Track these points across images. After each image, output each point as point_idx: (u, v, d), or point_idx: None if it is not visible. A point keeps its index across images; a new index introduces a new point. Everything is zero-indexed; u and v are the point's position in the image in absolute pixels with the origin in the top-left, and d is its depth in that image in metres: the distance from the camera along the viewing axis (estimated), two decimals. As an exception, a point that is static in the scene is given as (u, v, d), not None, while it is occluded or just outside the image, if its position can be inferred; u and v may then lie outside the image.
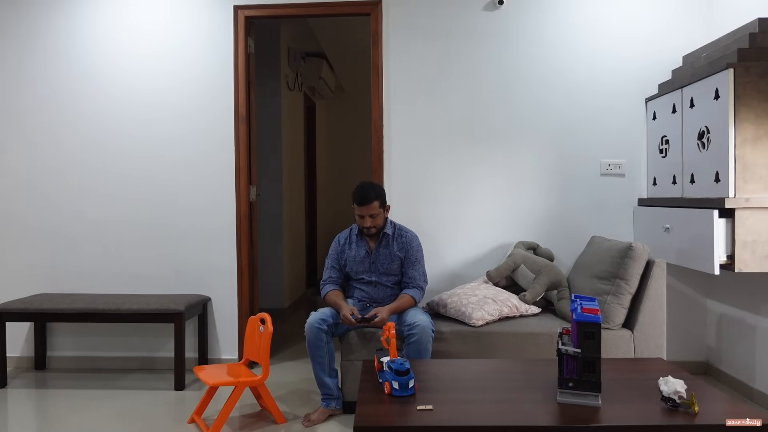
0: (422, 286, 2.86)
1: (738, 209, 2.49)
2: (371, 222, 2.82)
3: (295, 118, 5.77)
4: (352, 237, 2.95)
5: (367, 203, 2.78)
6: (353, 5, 3.49)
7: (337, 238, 3.01)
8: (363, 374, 2.00)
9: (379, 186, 2.92)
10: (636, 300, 2.74)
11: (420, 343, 2.56)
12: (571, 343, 1.73)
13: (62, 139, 3.58)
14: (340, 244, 2.96)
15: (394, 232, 2.93)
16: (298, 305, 5.63)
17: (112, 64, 3.55)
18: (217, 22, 3.51)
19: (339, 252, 2.95)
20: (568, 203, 3.42)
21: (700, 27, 3.30)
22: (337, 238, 3.00)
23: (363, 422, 1.60)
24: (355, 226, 2.97)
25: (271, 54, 5.04)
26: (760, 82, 2.49)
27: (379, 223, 2.85)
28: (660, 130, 3.18)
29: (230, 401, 2.60)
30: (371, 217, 2.81)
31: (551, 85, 3.41)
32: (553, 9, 3.40)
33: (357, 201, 2.79)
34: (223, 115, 3.51)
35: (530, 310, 2.95)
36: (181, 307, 3.17)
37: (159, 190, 3.55)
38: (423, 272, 2.90)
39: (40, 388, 3.25)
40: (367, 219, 2.81)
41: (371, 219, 2.81)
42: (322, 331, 2.65)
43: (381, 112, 3.46)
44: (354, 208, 2.82)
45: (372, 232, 2.86)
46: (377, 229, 2.86)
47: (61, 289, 3.59)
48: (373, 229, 2.85)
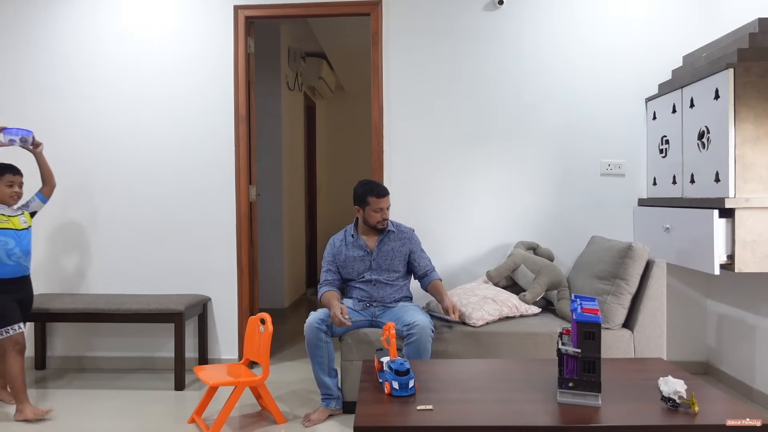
0: (433, 267, 2.96)
1: (738, 209, 2.49)
2: (386, 213, 2.89)
3: (295, 118, 5.77)
4: (348, 238, 2.96)
5: (386, 195, 2.89)
6: (353, 5, 3.49)
7: (331, 240, 3.01)
8: (363, 374, 2.00)
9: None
10: (636, 300, 2.74)
11: (419, 343, 2.56)
12: (571, 343, 1.73)
13: (62, 139, 3.57)
14: (336, 246, 2.97)
15: (393, 229, 2.96)
16: (298, 305, 5.62)
17: (111, 65, 3.55)
18: (217, 22, 3.50)
19: (335, 254, 2.95)
20: (568, 203, 3.42)
21: (700, 27, 3.30)
22: (331, 241, 3.01)
23: (363, 422, 1.60)
24: (349, 227, 2.98)
25: (271, 54, 5.05)
26: (760, 82, 2.49)
27: (388, 217, 2.91)
28: (660, 130, 3.18)
29: (230, 401, 2.60)
30: (387, 209, 2.89)
31: (551, 84, 3.41)
32: (553, 8, 3.40)
33: (377, 194, 2.85)
34: (223, 115, 3.51)
35: (530, 310, 2.95)
36: (181, 307, 3.17)
37: (159, 189, 3.55)
38: (429, 259, 2.99)
39: (40, 388, 3.25)
40: (385, 211, 2.87)
41: (387, 210, 2.89)
42: (321, 331, 2.65)
43: (381, 112, 3.46)
44: (369, 202, 2.84)
45: (385, 225, 2.89)
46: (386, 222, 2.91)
47: (61, 289, 3.59)
48: (386, 223, 2.89)
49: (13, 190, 2.85)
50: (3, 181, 2.83)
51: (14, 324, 2.77)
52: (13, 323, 2.76)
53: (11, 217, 2.84)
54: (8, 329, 2.75)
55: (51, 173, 3.06)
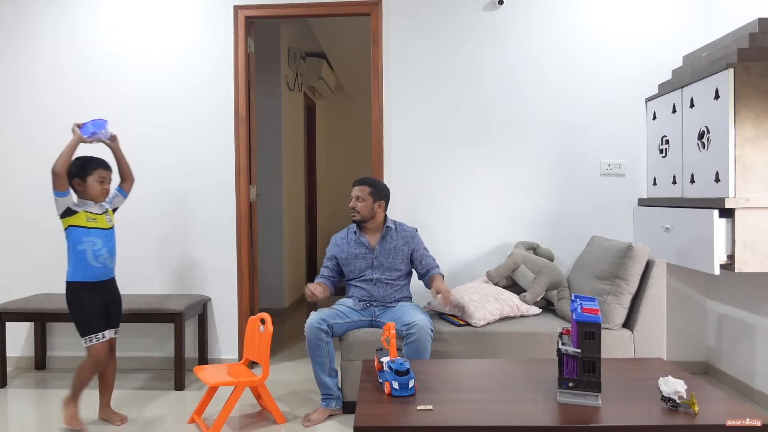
0: (437, 265, 2.96)
1: (738, 209, 2.49)
2: (355, 203, 2.89)
3: (295, 118, 5.77)
4: (350, 236, 2.96)
5: (358, 184, 2.92)
6: (353, 5, 3.49)
7: (333, 237, 3.04)
8: (363, 374, 2.00)
9: (382, 183, 3.00)
10: (636, 300, 2.74)
11: (419, 343, 2.56)
12: (571, 343, 1.72)
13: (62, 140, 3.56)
14: (337, 244, 2.99)
15: (396, 227, 2.96)
16: (298, 305, 5.62)
17: (111, 64, 3.55)
18: (217, 22, 3.50)
19: (336, 252, 2.97)
20: (568, 203, 3.42)
21: (700, 27, 3.30)
22: (333, 238, 3.03)
23: (363, 422, 1.60)
24: (353, 225, 2.98)
25: (271, 54, 5.04)
26: (760, 82, 2.49)
27: (362, 211, 2.89)
28: (660, 130, 3.18)
29: (230, 401, 2.60)
30: (357, 198, 2.88)
31: (551, 84, 3.41)
32: (553, 8, 3.40)
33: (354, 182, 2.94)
34: (223, 115, 3.51)
35: (531, 310, 2.95)
36: (181, 307, 3.17)
37: (159, 189, 3.55)
38: (433, 257, 2.99)
39: (40, 388, 3.25)
40: (355, 201, 2.89)
41: (356, 200, 2.89)
42: (322, 331, 2.65)
43: (381, 112, 3.46)
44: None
45: (355, 217, 2.91)
46: (359, 217, 2.89)
47: (61, 289, 3.57)
48: (356, 215, 2.90)
49: (104, 187, 2.60)
50: (95, 176, 2.57)
51: (99, 332, 2.56)
52: (97, 331, 2.55)
53: (98, 215, 2.61)
54: (91, 337, 2.54)
55: (129, 167, 2.79)
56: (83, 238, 2.56)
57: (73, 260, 2.57)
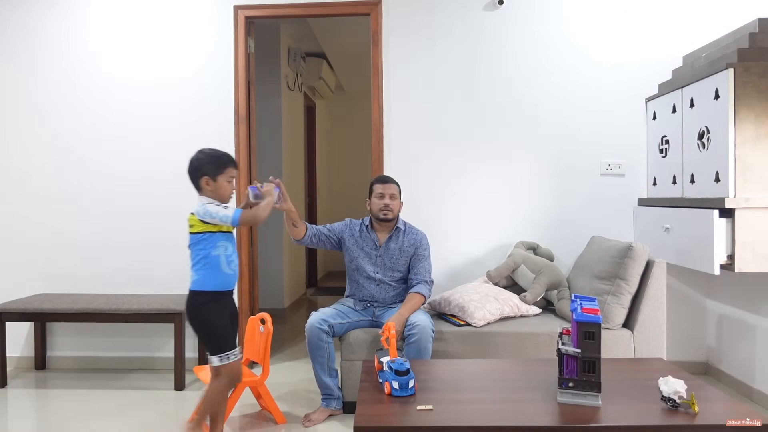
0: (428, 280, 2.88)
1: (738, 209, 2.49)
2: (390, 201, 2.84)
3: (295, 118, 5.77)
4: (363, 228, 2.95)
5: (389, 182, 2.89)
6: (353, 5, 3.49)
7: (350, 220, 3.00)
8: (363, 374, 2.00)
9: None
10: (636, 300, 2.74)
11: (420, 343, 2.56)
12: (571, 343, 1.73)
13: (62, 139, 3.57)
14: (351, 229, 2.95)
15: (405, 229, 2.94)
16: (298, 305, 5.62)
17: (111, 64, 3.55)
18: (217, 22, 3.50)
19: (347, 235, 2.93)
20: (568, 203, 3.42)
21: (700, 27, 3.30)
22: (350, 221, 2.99)
23: (363, 422, 1.60)
24: (367, 218, 2.97)
25: (271, 54, 5.04)
26: (760, 82, 2.49)
27: (395, 209, 2.87)
28: (660, 130, 3.18)
29: (230, 401, 2.59)
30: (391, 197, 2.85)
31: (551, 84, 3.41)
32: (553, 8, 3.40)
33: (380, 180, 2.91)
34: (223, 115, 3.51)
35: (531, 310, 2.95)
36: (181, 307, 3.17)
37: (159, 189, 3.55)
38: (429, 269, 2.92)
39: (40, 388, 3.25)
40: (387, 197, 2.85)
41: (390, 198, 2.85)
42: (322, 331, 2.65)
43: (381, 112, 3.46)
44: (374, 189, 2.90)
45: (388, 215, 2.85)
46: (393, 215, 2.87)
47: (61, 289, 3.59)
48: (389, 213, 2.85)
49: (232, 187, 2.34)
50: (225, 175, 2.30)
51: (235, 348, 2.25)
52: (234, 347, 2.25)
53: None
54: (228, 354, 2.22)
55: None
56: (218, 243, 2.27)
57: (204, 268, 2.25)
